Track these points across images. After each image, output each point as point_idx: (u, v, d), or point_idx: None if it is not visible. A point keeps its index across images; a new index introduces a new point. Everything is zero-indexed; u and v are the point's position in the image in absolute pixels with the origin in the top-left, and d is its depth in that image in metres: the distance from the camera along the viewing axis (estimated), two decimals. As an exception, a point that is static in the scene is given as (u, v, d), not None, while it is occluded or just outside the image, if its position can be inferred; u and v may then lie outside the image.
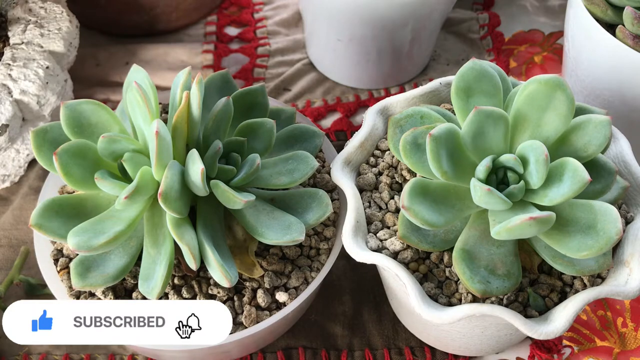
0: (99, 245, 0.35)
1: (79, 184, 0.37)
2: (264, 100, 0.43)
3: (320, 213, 0.40)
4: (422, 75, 0.64)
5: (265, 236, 0.38)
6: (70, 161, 0.36)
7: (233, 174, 0.37)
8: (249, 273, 0.39)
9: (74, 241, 0.35)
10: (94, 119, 0.38)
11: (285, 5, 0.70)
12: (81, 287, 0.37)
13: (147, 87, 0.38)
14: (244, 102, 0.42)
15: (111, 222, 0.37)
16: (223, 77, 0.44)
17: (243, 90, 0.42)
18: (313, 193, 0.41)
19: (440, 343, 0.47)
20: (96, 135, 0.37)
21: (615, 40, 0.46)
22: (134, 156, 0.36)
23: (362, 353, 0.48)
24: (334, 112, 0.62)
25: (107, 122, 0.39)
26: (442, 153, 0.35)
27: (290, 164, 0.40)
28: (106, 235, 0.36)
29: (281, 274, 0.41)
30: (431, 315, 0.36)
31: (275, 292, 0.40)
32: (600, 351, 0.48)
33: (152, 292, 0.36)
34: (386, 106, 0.44)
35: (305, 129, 0.44)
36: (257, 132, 0.40)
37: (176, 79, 0.39)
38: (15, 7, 0.53)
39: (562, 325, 0.35)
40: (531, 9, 0.70)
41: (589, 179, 0.33)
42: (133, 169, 0.36)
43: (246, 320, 0.39)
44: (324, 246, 0.43)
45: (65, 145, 0.36)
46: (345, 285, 0.51)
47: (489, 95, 0.38)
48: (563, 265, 0.36)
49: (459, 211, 0.37)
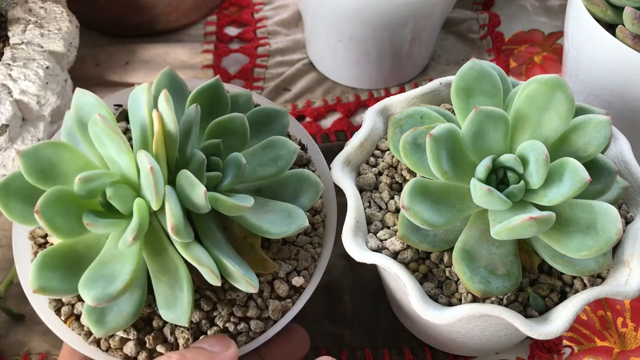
0: (118, 292, 0.33)
1: (67, 234, 0.34)
2: (222, 93, 0.40)
3: (313, 193, 0.39)
4: (422, 75, 0.64)
5: (269, 231, 0.37)
6: (53, 214, 0.34)
7: (219, 179, 0.36)
8: (263, 269, 0.39)
9: (90, 295, 0.33)
10: (56, 159, 0.36)
11: (285, 5, 0.70)
12: (104, 335, 0.35)
13: (107, 115, 0.36)
14: (203, 99, 0.40)
15: (118, 263, 0.35)
16: (169, 77, 0.41)
17: (201, 88, 0.40)
18: (299, 175, 0.40)
19: (440, 343, 0.47)
20: (62, 176, 0.35)
21: (615, 40, 0.46)
22: (117, 190, 0.34)
23: (362, 353, 0.48)
24: (334, 112, 0.62)
25: (70, 159, 0.36)
26: (442, 153, 0.35)
27: (269, 152, 0.39)
28: (122, 279, 0.34)
29: (288, 259, 0.40)
30: (431, 315, 0.36)
31: (290, 279, 0.40)
32: (600, 351, 0.48)
33: (182, 319, 0.35)
34: (386, 106, 0.44)
35: (268, 111, 0.41)
36: (229, 129, 0.38)
37: (133, 95, 0.36)
38: (15, 7, 0.53)
39: (562, 325, 0.35)
40: (531, 9, 0.70)
41: (589, 179, 0.33)
42: (121, 203, 0.34)
43: (273, 314, 0.39)
44: (317, 219, 0.42)
45: (44, 199, 0.33)
46: (345, 285, 0.51)
47: (489, 95, 0.38)
48: (563, 265, 0.36)
49: (459, 211, 0.37)
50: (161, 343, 0.38)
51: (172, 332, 0.38)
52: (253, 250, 0.39)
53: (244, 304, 0.39)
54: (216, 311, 0.38)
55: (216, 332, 0.38)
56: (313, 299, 0.40)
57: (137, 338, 0.38)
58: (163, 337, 0.38)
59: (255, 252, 0.39)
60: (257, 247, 0.39)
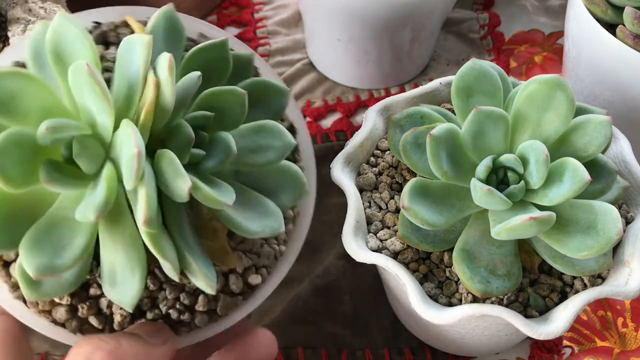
0: (65, 267, 0.29)
1: (19, 184, 0.30)
2: (226, 57, 0.35)
3: (295, 193, 0.35)
4: (422, 75, 0.64)
5: (241, 228, 0.33)
6: (6, 161, 0.29)
7: (202, 158, 0.32)
8: (222, 263, 0.35)
9: (33, 265, 0.29)
10: (18, 92, 0.31)
11: (285, 5, 0.70)
12: (36, 299, 0.32)
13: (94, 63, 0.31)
14: (203, 60, 0.34)
15: (69, 229, 0.31)
16: (168, 19, 0.35)
17: (204, 46, 0.34)
18: (285, 168, 0.35)
19: (440, 343, 0.47)
20: (22, 111, 0.30)
21: (616, 40, 0.46)
22: (85, 147, 0.30)
23: (362, 353, 0.48)
24: (334, 112, 0.62)
25: (36, 94, 0.31)
26: (442, 153, 0.35)
27: (261, 137, 0.34)
28: (71, 252, 0.30)
29: (250, 251, 0.36)
30: (431, 316, 0.36)
31: (247, 275, 0.36)
32: (601, 351, 0.48)
33: (126, 303, 0.31)
34: (386, 106, 0.44)
35: (268, 86, 0.36)
36: (225, 104, 0.33)
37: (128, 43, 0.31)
38: (15, 7, 0.53)
39: (563, 326, 0.35)
40: (531, 9, 0.70)
41: (589, 179, 0.33)
42: (88, 163, 0.30)
43: (222, 311, 0.35)
44: (289, 214, 0.38)
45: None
46: (345, 285, 0.51)
47: (489, 95, 0.38)
48: (563, 265, 0.36)
49: (459, 211, 0.37)
50: (95, 314, 0.34)
51: (109, 304, 0.34)
52: (216, 236, 0.35)
53: (192, 292, 0.35)
54: (162, 292, 0.35)
55: (156, 316, 0.34)
56: (313, 299, 0.39)
57: (69, 304, 0.34)
58: (98, 307, 0.34)
59: (217, 238, 0.35)
60: (223, 235, 0.35)
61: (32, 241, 0.30)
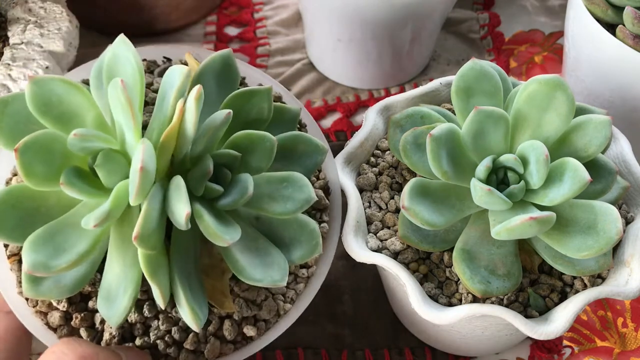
0: (60, 269, 0.30)
1: (42, 183, 0.31)
2: (265, 104, 0.36)
3: (307, 251, 0.35)
4: (422, 75, 0.64)
5: (244, 273, 0.33)
6: (34, 159, 0.30)
7: (220, 194, 0.32)
8: (219, 305, 0.35)
9: (30, 260, 0.30)
10: (66, 99, 0.32)
11: (285, 5, 0.70)
12: (32, 296, 0.32)
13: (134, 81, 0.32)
14: (242, 104, 0.35)
15: (74, 235, 0.31)
16: (224, 60, 0.36)
17: (244, 91, 0.35)
18: (304, 223, 0.35)
19: (440, 343, 0.47)
20: (65, 119, 0.32)
21: (616, 40, 0.46)
22: (109, 160, 0.31)
23: (362, 353, 0.48)
24: (334, 112, 0.62)
25: (81, 105, 0.33)
26: (442, 153, 0.35)
27: (285, 188, 0.34)
28: (68, 256, 0.30)
29: (252, 302, 0.36)
30: (431, 316, 0.36)
31: (244, 325, 0.36)
32: (601, 351, 0.48)
33: (112, 320, 0.32)
34: (386, 106, 0.44)
35: (307, 141, 0.36)
36: (254, 147, 0.34)
37: (170, 74, 0.33)
38: (15, 7, 0.53)
39: (563, 326, 0.35)
40: (531, 9, 0.70)
41: (589, 179, 0.33)
42: (107, 176, 0.31)
43: (209, 354, 0.35)
44: (302, 274, 0.38)
45: (30, 140, 0.30)
46: (345, 285, 0.51)
47: (489, 95, 0.38)
48: (563, 265, 0.36)
49: (459, 211, 0.37)
50: (87, 327, 0.35)
51: (102, 321, 0.35)
52: (221, 279, 0.35)
53: (185, 328, 0.35)
54: (155, 321, 0.35)
55: (145, 344, 0.35)
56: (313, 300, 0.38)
57: (66, 311, 0.35)
58: (92, 321, 0.35)
59: (222, 281, 0.35)
60: (226, 277, 0.35)
61: (37, 239, 0.30)
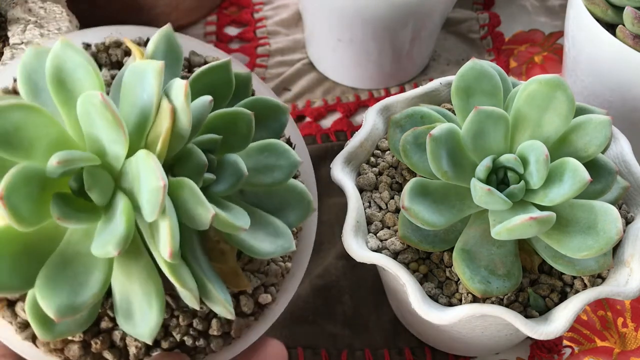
0: (86, 305, 0.28)
1: (32, 223, 0.28)
2: (229, 78, 0.34)
3: (302, 211, 0.35)
4: (422, 75, 0.64)
5: (255, 250, 0.32)
6: (16, 199, 0.27)
7: (211, 181, 0.31)
8: (233, 284, 0.34)
9: (54, 306, 0.27)
10: (23, 124, 0.29)
11: (285, 5, 0.70)
12: (51, 339, 0.30)
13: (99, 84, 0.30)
14: (207, 81, 0.34)
15: (84, 265, 0.29)
16: (167, 40, 0.34)
17: (209, 68, 0.33)
18: (291, 187, 0.35)
19: (440, 343, 0.47)
20: (27, 144, 0.29)
21: (616, 40, 0.46)
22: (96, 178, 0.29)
23: (362, 353, 0.48)
24: (334, 112, 0.62)
25: (39, 125, 0.30)
26: (442, 153, 0.35)
27: (266, 157, 0.33)
28: (91, 290, 0.29)
29: (258, 271, 0.36)
30: (431, 316, 0.36)
31: (257, 295, 0.36)
32: (601, 351, 0.48)
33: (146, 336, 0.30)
34: (386, 106, 0.44)
35: (268, 103, 0.35)
36: (231, 125, 0.33)
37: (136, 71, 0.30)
38: (14, 7, 0.53)
39: (563, 326, 0.35)
40: (531, 9, 0.70)
41: (589, 179, 0.33)
42: (100, 195, 0.29)
43: (236, 333, 0.35)
44: (292, 231, 0.38)
45: (10, 182, 0.27)
46: (345, 285, 0.51)
47: (489, 95, 0.38)
48: (563, 265, 0.36)
49: (459, 211, 0.37)
50: (108, 348, 0.33)
51: (122, 337, 0.33)
52: (224, 258, 0.34)
53: (205, 316, 0.34)
54: (174, 320, 0.34)
55: (171, 344, 0.34)
56: (313, 300, 0.39)
57: (82, 340, 0.33)
58: (111, 341, 0.33)
59: (226, 260, 0.34)
60: (232, 257, 0.34)
61: (48, 280, 0.28)
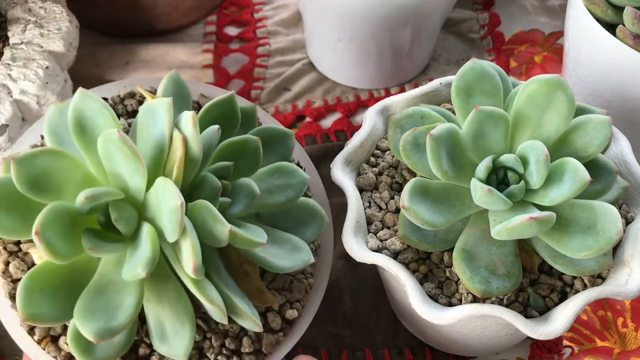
0: (122, 327, 0.30)
1: (66, 256, 0.31)
2: (235, 109, 0.37)
3: (317, 226, 0.37)
4: (422, 75, 0.64)
5: (274, 266, 0.34)
6: (51, 235, 0.30)
7: (227, 205, 0.34)
8: (260, 302, 0.36)
9: (91, 330, 0.30)
10: (51, 168, 0.32)
11: (285, 5, 0.70)
12: None
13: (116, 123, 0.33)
14: (215, 114, 0.37)
15: (117, 292, 0.32)
16: (175, 83, 0.38)
17: (215, 102, 0.37)
18: (304, 205, 0.37)
19: (440, 343, 0.47)
20: (56, 187, 0.32)
21: (616, 40, 0.46)
22: (121, 211, 0.32)
23: (362, 353, 0.48)
24: (334, 112, 0.62)
25: (66, 169, 0.33)
26: (442, 153, 0.35)
27: (277, 178, 0.36)
28: (124, 313, 0.31)
29: (282, 289, 0.38)
30: (431, 316, 0.36)
31: (284, 311, 0.38)
32: (601, 351, 0.48)
33: (180, 354, 0.32)
34: (386, 106, 0.44)
35: (274, 131, 0.38)
36: (241, 152, 0.35)
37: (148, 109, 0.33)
38: (15, 7, 0.53)
39: (563, 326, 0.35)
40: (531, 9, 0.70)
41: (589, 179, 0.33)
42: (126, 226, 0.32)
43: (267, 349, 0.36)
44: (311, 248, 0.39)
45: (44, 219, 0.30)
46: (345, 285, 0.51)
47: (489, 95, 0.38)
48: (563, 265, 0.36)
49: (459, 211, 0.37)
50: None
51: None
52: (248, 279, 0.36)
53: (236, 335, 0.36)
54: (206, 342, 0.36)
55: None
56: None
57: None
58: None
59: (250, 281, 0.36)
60: (255, 276, 0.36)
61: (85, 308, 0.31)
